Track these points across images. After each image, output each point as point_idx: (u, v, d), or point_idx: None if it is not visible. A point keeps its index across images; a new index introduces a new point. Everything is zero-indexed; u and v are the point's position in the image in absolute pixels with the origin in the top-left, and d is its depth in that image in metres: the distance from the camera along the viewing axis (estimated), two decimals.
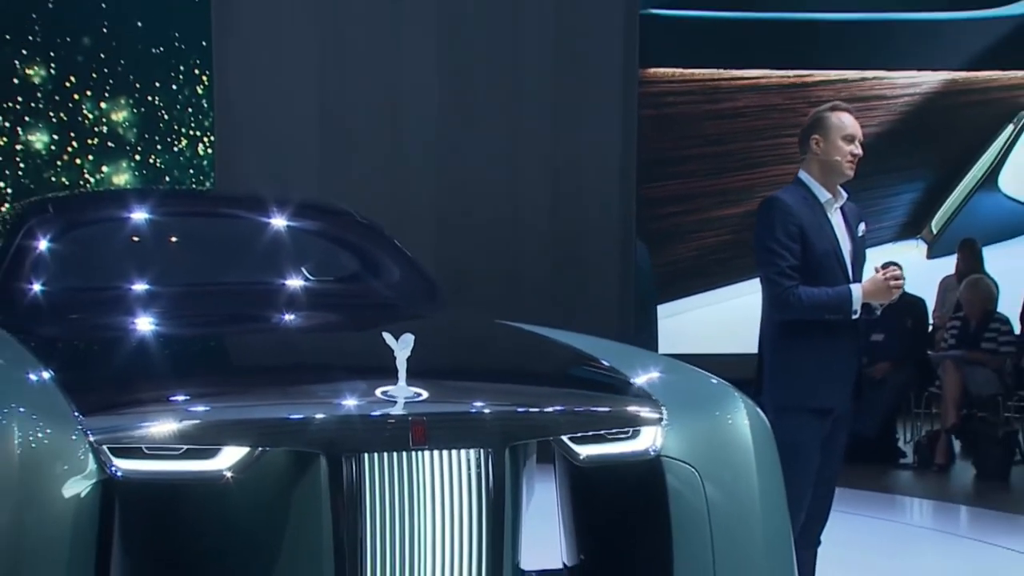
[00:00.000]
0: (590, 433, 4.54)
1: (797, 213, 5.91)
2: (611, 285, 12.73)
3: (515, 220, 13.21)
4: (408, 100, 12.78)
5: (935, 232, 13.72)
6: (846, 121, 5.95)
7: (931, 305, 11.64)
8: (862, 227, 6.07)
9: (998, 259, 12.35)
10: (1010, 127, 13.44)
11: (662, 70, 13.78)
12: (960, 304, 11.15)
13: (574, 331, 5.99)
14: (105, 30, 11.27)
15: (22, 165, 11.17)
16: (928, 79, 13.62)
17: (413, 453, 4.26)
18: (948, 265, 12.11)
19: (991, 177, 13.63)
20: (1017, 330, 11.01)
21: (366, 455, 4.22)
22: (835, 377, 5.49)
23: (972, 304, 10.90)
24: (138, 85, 11.64)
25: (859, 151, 5.87)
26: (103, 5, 11.48)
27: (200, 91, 12.02)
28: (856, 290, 5.70)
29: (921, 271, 12.47)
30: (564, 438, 4.50)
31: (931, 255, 13.49)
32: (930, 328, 11.54)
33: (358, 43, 12.68)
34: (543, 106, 12.98)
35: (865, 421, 10.50)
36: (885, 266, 5.62)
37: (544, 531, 4.82)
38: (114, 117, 11.56)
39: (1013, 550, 7.87)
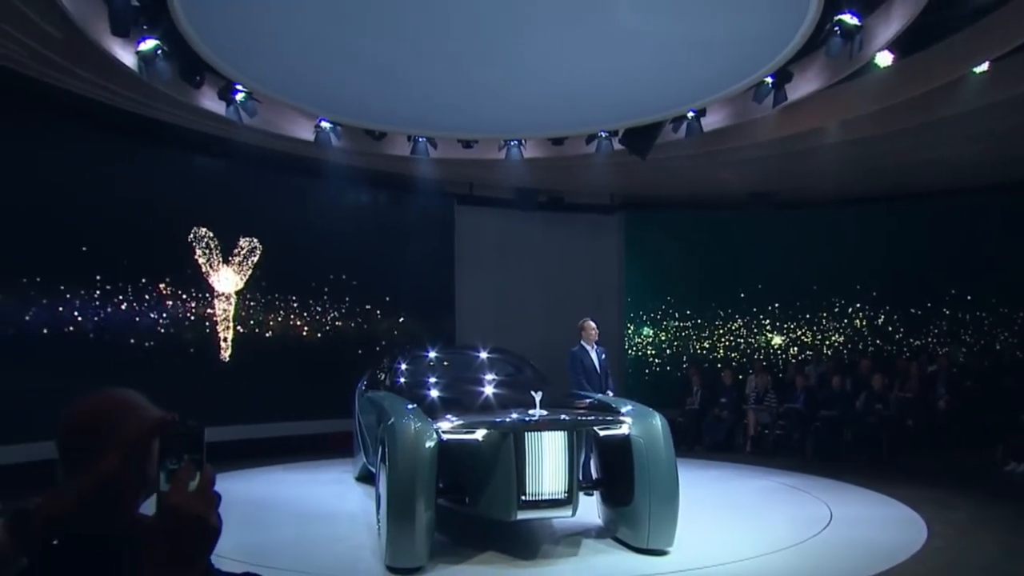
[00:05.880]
0: (603, 427, 5.49)
1: (579, 354, 7.52)
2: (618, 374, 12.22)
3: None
4: (526, 305, 12.78)
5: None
6: (590, 323, 7.66)
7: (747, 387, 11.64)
8: (603, 356, 7.61)
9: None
10: None
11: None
12: (756, 386, 11.43)
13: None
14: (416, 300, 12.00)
15: (390, 343, 11.53)
16: None
17: (541, 433, 5.00)
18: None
19: None
20: (776, 397, 11.14)
21: (526, 433, 4.98)
22: None
23: (759, 387, 11.37)
24: (432, 317, 12.15)
25: (596, 332, 7.58)
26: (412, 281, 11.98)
27: (451, 314, 12.57)
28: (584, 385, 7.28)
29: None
30: (595, 428, 5.60)
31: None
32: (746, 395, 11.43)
33: (507, 290, 12.82)
34: (583, 308, 12.51)
35: (720, 434, 11.25)
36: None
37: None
38: (415, 328, 11.91)
39: (778, 481, 8.39)
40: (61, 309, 8.79)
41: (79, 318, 8.95)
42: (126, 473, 1.01)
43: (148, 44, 7.11)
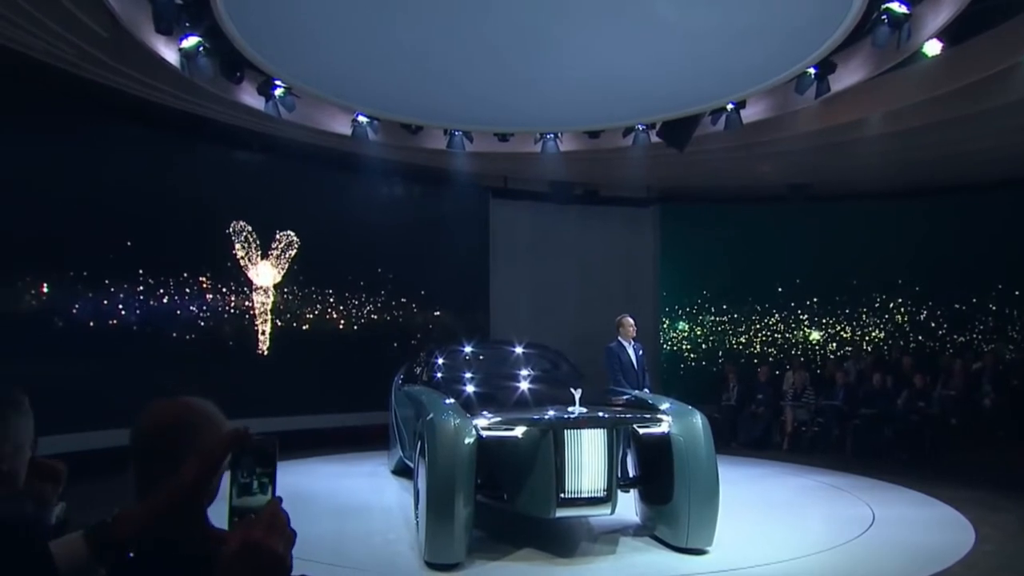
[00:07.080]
0: (643, 425, 5.45)
1: (616, 350, 7.39)
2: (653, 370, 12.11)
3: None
4: (561, 299, 12.75)
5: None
6: (628, 320, 7.57)
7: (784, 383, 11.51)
8: (640, 352, 7.52)
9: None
10: None
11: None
12: (794, 383, 11.41)
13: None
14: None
15: (425, 336, 11.73)
16: None
17: (581, 430, 4.97)
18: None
19: None
20: (814, 394, 11.08)
21: (566, 430, 4.94)
22: None
23: (797, 383, 11.32)
24: (467, 310, 12.11)
25: (634, 329, 7.49)
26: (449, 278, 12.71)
27: (485, 308, 12.60)
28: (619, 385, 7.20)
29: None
30: (634, 426, 5.51)
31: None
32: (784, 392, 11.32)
33: (542, 283, 12.80)
34: (618, 302, 12.53)
35: (757, 431, 11.12)
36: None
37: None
38: (450, 322, 11.91)
39: (818, 480, 8.32)
40: (106, 302, 8.99)
41: (123, 311, 9.14)
42: (203, 485, 1.02)
43: (190, 41, 7.24)
